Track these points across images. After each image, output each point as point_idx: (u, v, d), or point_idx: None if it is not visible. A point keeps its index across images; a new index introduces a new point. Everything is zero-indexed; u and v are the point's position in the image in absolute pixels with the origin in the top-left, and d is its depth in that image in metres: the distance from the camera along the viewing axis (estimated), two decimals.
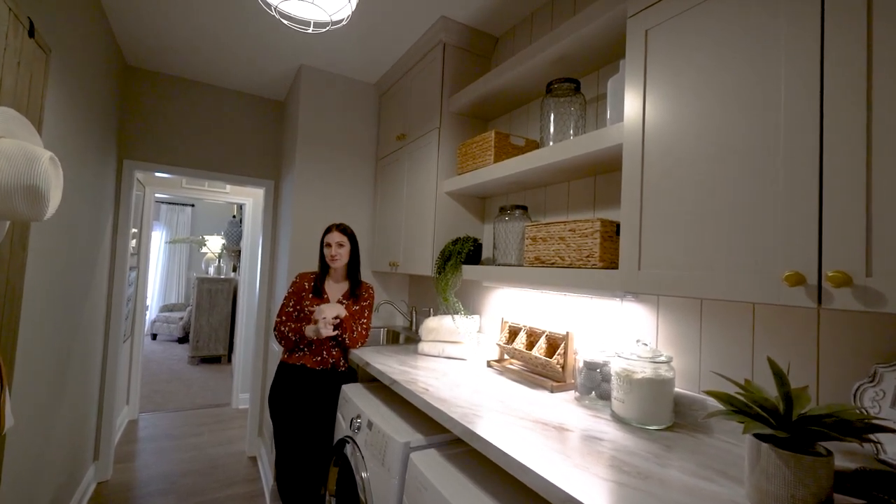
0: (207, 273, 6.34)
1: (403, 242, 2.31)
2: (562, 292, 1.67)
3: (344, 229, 1.96)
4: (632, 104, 1.09)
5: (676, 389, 1.23)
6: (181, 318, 6.72)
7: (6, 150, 0.97)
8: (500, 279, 1.61)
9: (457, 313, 1.95)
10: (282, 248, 2.80)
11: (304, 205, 2.57)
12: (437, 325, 1.98)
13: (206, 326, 5.64)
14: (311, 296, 1.94)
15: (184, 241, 7.09)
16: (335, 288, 2.00)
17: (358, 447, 1.53)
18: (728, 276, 0.85)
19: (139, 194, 3.35)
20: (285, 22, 1.32)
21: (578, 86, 1.49)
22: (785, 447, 0.76)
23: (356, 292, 1.99)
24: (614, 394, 1.21)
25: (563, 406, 1.31)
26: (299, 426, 1.85)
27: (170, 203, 7.14)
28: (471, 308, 2.21)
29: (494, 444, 1.00)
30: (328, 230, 1.98)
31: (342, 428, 1.74)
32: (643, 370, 1.16)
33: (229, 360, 5.73)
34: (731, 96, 0.88)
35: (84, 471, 2.41)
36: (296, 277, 2.02)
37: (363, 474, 1.45)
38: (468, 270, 1.82)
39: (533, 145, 1.76)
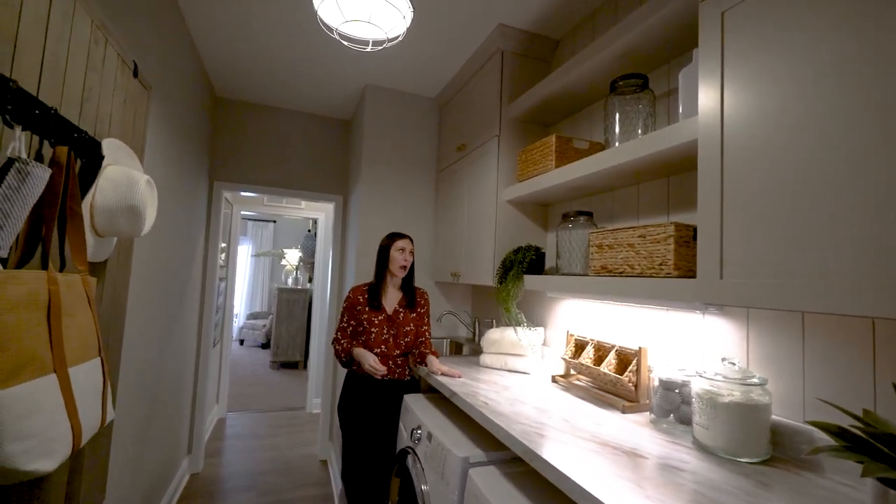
0: (286, 284, 6.82)
1: (465, 252, 2.30)
2: (633, 304, 1.55)
3: (409, 238, 2.00)
4: (707, 95, 0.98)
5: (774, 417, 1.07)
6: (264, 326, 7.28)
7: (112, 176, 1.11)
8: (564, 289, 1.53)
9: (519, 325, 1.89)
10: (349, 259, 2.92)
11: (369, 217, 2.67)
12: (499, 337, 1.93)
13: (285, 334, 6.05)
14: (367, 309, 1.92)
15: (266, 254, 7.70)
16: (391, 297, 2.00)
17: (418, 459, 1.52)
18: (842, 284, 0.72)
19: (227, 212, 3.70)
20: (345, 43, 1.39)
21: (646, 81, 1.38)
22: None
23: (413, 300, 2.00)
24: (696, 418, 1.08)
25: (635, 429, 1.19)
26: (366, 435, 1.88)
27: (255, 220, 7.81)
28: (535, 320, 2.13)
29: (556, 466, 0.93)
30: (396, 237, 1.97)
31: (403, 438, 1.74)
32: (731, 393, 1.02)
33: (305, 366, 6.08)
34: (834, 75, 0.76)
35: (179, 462, 2.66)
36: (349, 293, 1.99)
37: (423, 487, 1.43)
38: (530, 280, 1.75)
39: (597, 148, 1.67)
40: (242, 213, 4.61)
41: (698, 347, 1.30)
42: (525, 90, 2.03)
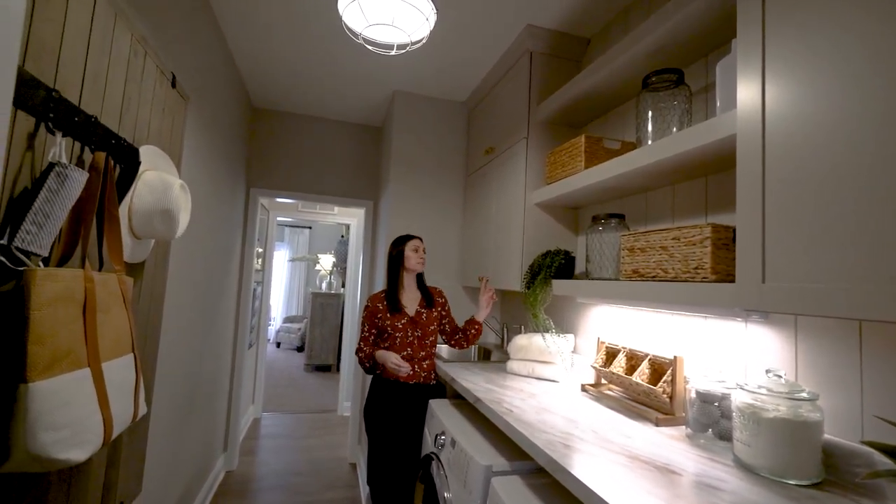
0: (320, 288, 6.98)
1: (493, 257, 2.27)
2: (667, 311, 1.47)
3: (420, 238, 2.04)
4: (747, 87, 0.91)
5: (827, 436, 0.97)
6: (299, 329, 7.48)
7: (148, 181, 1.16)
8: (593, 294, 1.47)
9: (547, 331, 1.83)
10: (379, 263, 2.95)
11: (398, 222, 2.68)
12: (526, 344, 1.88)
13: (319, 337, 6.18)
14: (388, 314, 1.92)
15: (301, 259, 7.93)
16: (410, 299, 1.99)
17: (442, 465, 1.49)
18: None
19: (263, 218, 3.83)
20: (370, 47, 1.41)
21: (681, 76, 1.32)
22: None
23: (430, 298, 2.02)
24: (737, 434, 1.00)
25: (670, 443, 1.12)
26: (391, 440, 1.87)
27: (292, 226, 8.08)
28: (564, 326, 2.07)
29: (581, 479, 0.88)
30: (407, 239, 2.00)
31: (428, 443, 1.72)
32: (776, 408, 0.94)
33: (338, 370, 6.18)
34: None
35: (215, 459, 2.75)
36: (367, 302, 1.99)
37: (446, 494, 1.40)
38: (558, 285, 1.70)
39: (629, 148, 1.60)
40: (279, 218, 4.77)
41: (740, 358, 1.21)
42: (554, 91, 1.99)
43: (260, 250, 3.83)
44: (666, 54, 1.41)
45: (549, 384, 1.72)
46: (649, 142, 1.35)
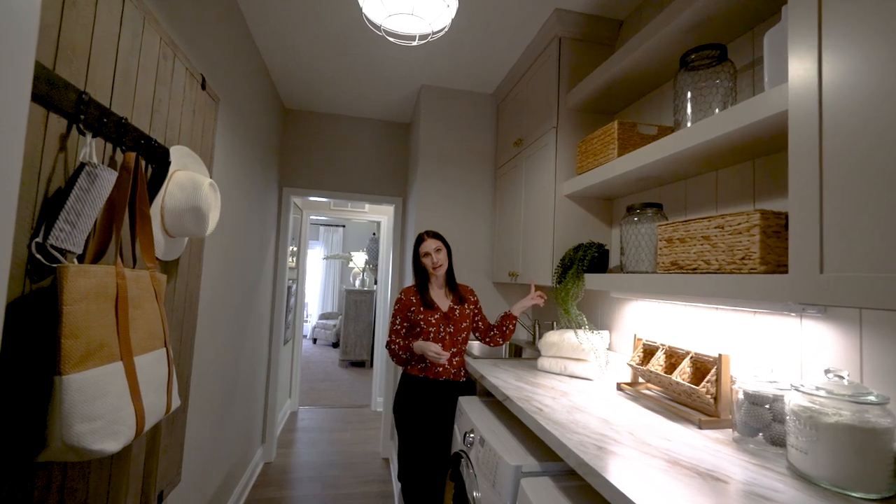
0: (354, 286, 7.10)
1: (522, 251, 2.21)
2: (710, 305, 1.37)
3: (436, 234, 1.96)
4: (800, 58, 0.82)
5: None
6: (334, 326, 7.65)
7: (180, 181, 1.19)
8: (628, 289, 1.39)
9: (580, 327, 1.76)
10: (408, 260, 2.95)
11: (427, 217, 2.67)
12: (558, 340, 1.81)
13: (353, 333, 6.29)
14: (422, 308, 1.90)
15: (335, 257, 8.10)
16: (440, 296, 1.97)
17: (471, 463, 1.46)
18: None
19: (297, 217, 3.92)
20: (392, 39, 1.39)
21: (724, 52, 1.22)
22: None
23: (460, 295, 1.98)
24: (792, 440, 0.92)
25: (715, 448, 1.04)
26: (421, 436, 1.86)
27: (326, 224, 8.26)
28: (598, 322, 1.99)
29: (616, 484, 0.83)
30: (420, 240, 1.95)
31: (457, 441, 1.70)
32: (838, 412, 0.85)
33: (371, 365, 6.28)
34: None
35: (254, 451, 2.84)
36: (400, 294, 1.97)
37: (475, 493, 1.37)
38: (591, 279, 1.63)
39: (666, 133, 1.51)
40: (312, 218, 4.88)
41: (793, 357, 1.11)
42: (584, 78, 1.90)
43: (294, 248, 3.92)
44: (706, 29, 1.31)
45: (583, 382, 1.66)
46: (689, 125, 1.26)
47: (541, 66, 2.09)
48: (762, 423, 1.03)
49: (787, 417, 0.93)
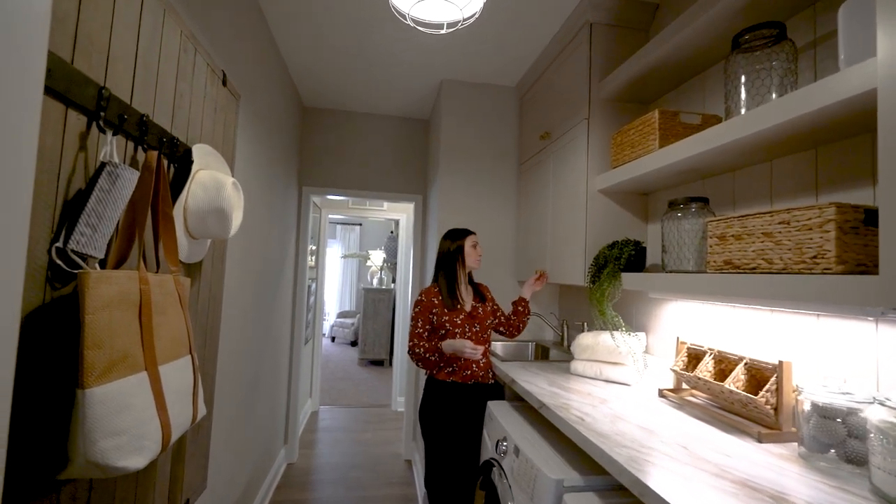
0: (372, 284, 7.09)
1: (550, 249, 2.12)
2: (764, 307, 1.27)
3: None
4: (891, 30, 0.72)
5: None
6: (353, 324, 7.65)
7: (202, 180, 1.15)
8: (673, 290, 1.30)
9: (616, 329, 1.67)
10: (429, 258, 2.89)
11: (449, 215, 2.60)
12: (592, 343, 1.73)
13: (371, 332, 6.28)
14: (445, 310, 1.83)
15: (353, 256, 8.10)
16: (466, 294, 1.93)
17: (504, 473, 1.39)
18: None
19: (315, 216, 3.89)
20: (420, 28, 1.32)
21: (783, 31, 1.11)
22: None
23: (481, 294, 1.97)
24: (875, 459, 0.82)
25: (780, 465, 0.95)
26: (450, 443, 1.80)
27: (343, 223, 8.26)
28: (633, 324, 1.89)
29: None
30: (465, 234, 1.91)
31: (488, 448, 1.63)
32: None
33: (390, 364, 6.25)
34: None
35: (277, 452, 2.83)
36: (420, 296, 1.89)
37: None
38: (629, 279, 1.53)
39: (712, 122, 1.40)
40: (330, 216, 4.86)
41: (868, 366, 1.00)
42: (618, 66, 1.80)
43: (313, 248, 3.90)
44: (761, 7, 1.20)
45: (620, 388, 1.57)
46: (742, 111, 1.16)
47: (570, 55, 2.00)
48: (835, 439, 0.93)
49: (871, 435, 0.83)
